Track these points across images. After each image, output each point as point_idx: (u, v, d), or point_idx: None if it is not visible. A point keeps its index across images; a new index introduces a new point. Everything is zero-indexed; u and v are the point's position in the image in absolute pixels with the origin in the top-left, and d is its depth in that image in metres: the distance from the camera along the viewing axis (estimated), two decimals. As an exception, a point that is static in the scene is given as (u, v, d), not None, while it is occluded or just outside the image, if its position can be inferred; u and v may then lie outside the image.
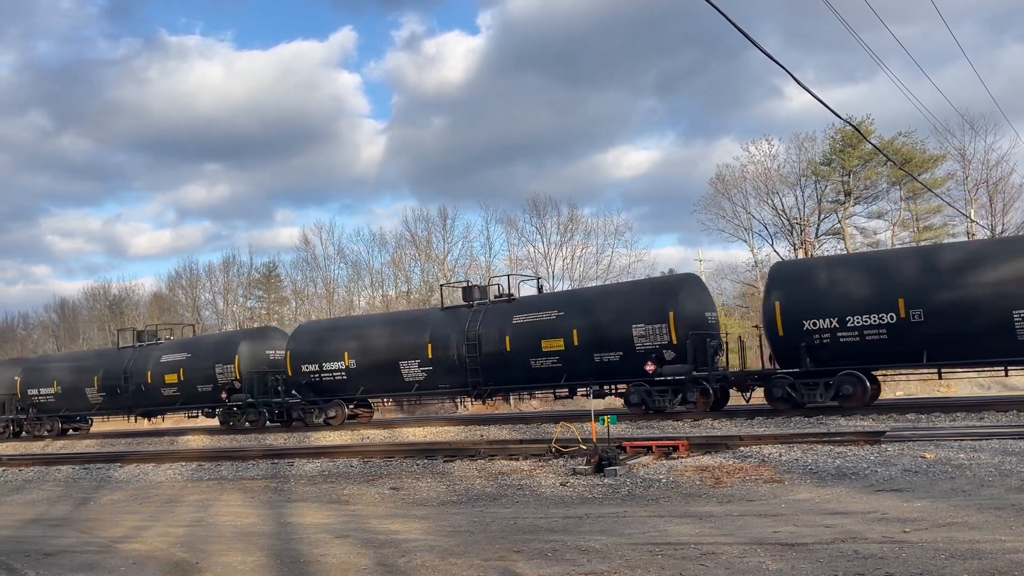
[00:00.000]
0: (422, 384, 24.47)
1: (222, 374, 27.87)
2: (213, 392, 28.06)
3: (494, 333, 23.27)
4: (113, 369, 30.91)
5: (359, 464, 15.39)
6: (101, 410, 32.33)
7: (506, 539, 8.07)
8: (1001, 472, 9.83)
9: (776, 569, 6.13)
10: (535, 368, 22.51)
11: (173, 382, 29.13)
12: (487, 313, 23.78)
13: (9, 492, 16.32)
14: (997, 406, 16.84)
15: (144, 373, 29.82)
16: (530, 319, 22.93)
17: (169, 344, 31.38)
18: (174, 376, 29.11)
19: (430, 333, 24.36)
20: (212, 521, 10.68)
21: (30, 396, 32.85)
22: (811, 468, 11.10)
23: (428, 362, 24.11)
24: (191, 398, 29.00)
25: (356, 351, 25.63)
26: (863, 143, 44.58)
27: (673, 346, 20.47)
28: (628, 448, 13.25)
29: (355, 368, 25.48)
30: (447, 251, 56.92)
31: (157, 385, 29.49)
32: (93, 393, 31.41)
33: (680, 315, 20.61)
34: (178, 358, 29.36)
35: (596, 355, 21.52)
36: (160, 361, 29.74)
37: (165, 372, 29.29)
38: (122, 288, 70.48)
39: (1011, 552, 6.12)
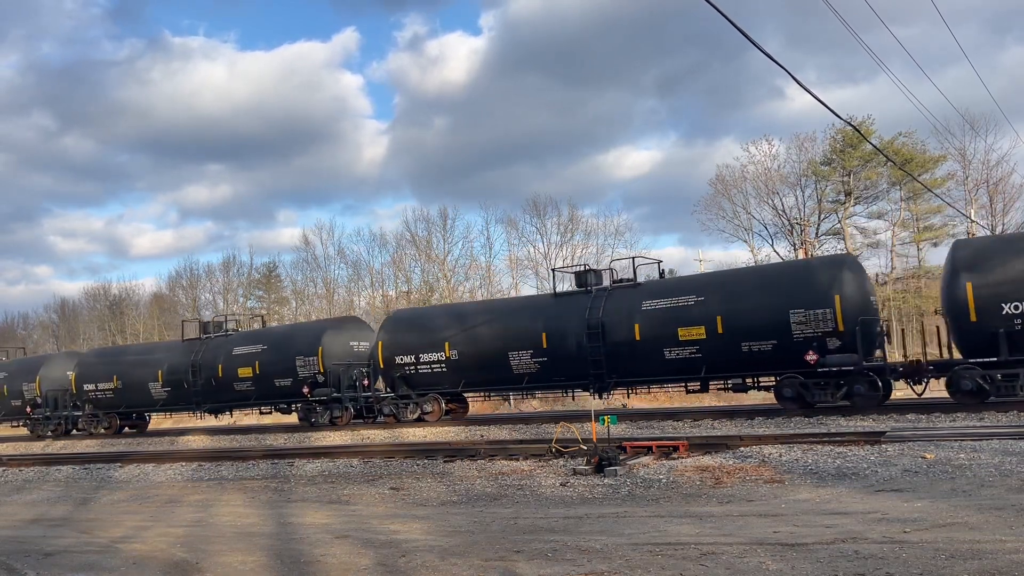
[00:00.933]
0: (534, 376, 22.67)
1: (303, 367, 26.15)
2: (293, 386, 26.40)
3: (621, 320, 21.37)
4: (180, 362, 29.39)
5: (359, 464, 15.39)
6: (165, 406, 30.90)
7: (506, 539, 8.07)
8: (1001, 472, 9.83)
9: (776, 569, 6.13)
10: (669, 359, 20.69)
11: (247, 376, 27.42)
12: (610, 299, 21.90)
13: (9, 492, 16.32)
14: (997, 406, 16.83)
15: (214, 367, 28.21)
16: (663, 305, 20.98)
17: (242, 335, 29.70)
18: (248, 370, 27.38)
19: (544, 321, 22.61)
20: (212, 521, 10.68)
21: (86, 392, 31.38)
22: (811, 468, 11.10)
23: (542, 352, 22.34)
24: (267, 393, 27.32)
25: (459, 341, 23.80)
26: (863, 143, 44.58)
27: (839, 333, 18.62)
28: (628, 448, 13.25)
29: (457, 360, 23.71)
30: (447, 251, 56.95)
31: (229, 379, 27.82)
32: (157, 388, 29.87)
33: (847, 298, 18.75)
34: (253, 350, 27.58)
35: (743, 344, 19.68)
36: (232, 354, 28.00)
37: (238, 365, 27.60)
38: (122, 288, 70.56)
39: (1011, 552, 6.12)
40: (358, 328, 28.33)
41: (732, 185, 53.10)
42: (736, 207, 52.81)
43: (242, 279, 65.51)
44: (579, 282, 23.33)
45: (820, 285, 19.26)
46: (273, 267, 66.06)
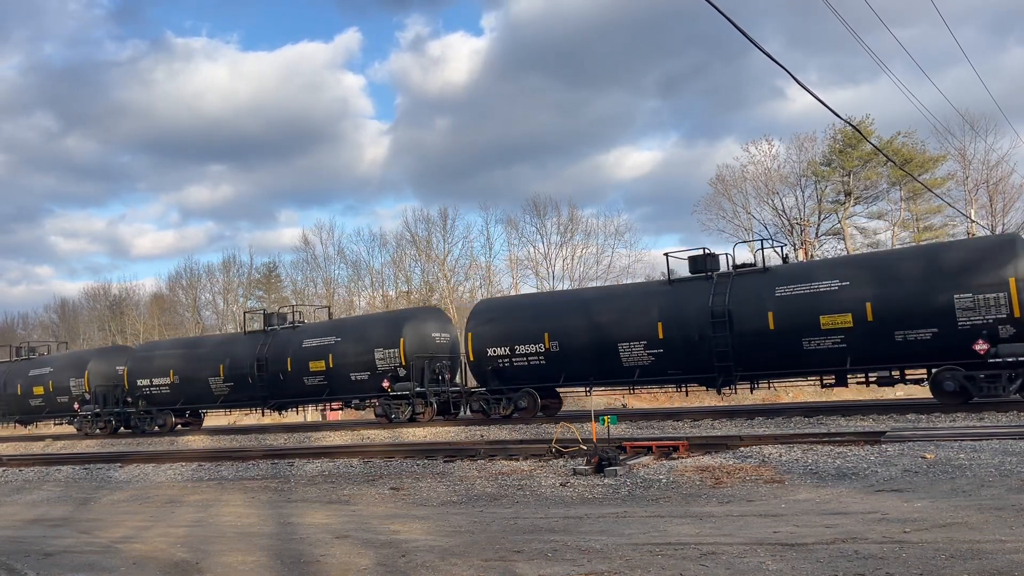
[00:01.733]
0: (647, 369, 21.12)
1: (383, 360, 24.52)
2: (371, 380, 24.74)
3: (750, 308, 19.77)
4: (243, 356, 27.70)
5: (359, 464, 15.39)
6: (227, 402, 29.28)
7: (506, 539, 8.07)
8: (1001, 472, 9.83)
9: (776, 569, 6.13)
10: (809, 350, 19.08)
11: (319, 370, 25.66)
12: (736, 285, 20.26)
13: (9, 492, 16.32)
14: (997, 406, 16.83)
15: (282, 360, 26.44)
16: (800, 291, 19.31)
17: (313, 327, 28.10)
18: (320, 363, 25.63)
19: (659, 310, 20.98)
20: (213, 521, 10.68)
21: (140, 387, 30.05)
22: (811, 468, 11.10)
23: (657, 344, 20.74)
24: (342, 387, 25.72)
25: (560, 331, 22.19)
26: (863, 143, 44.59)
27: (1014, 320, 17.09)
28: (628, 448, 13.26)
29: (557, 352, 22.10)
30: (447, 251, 56.98)
31: (299, 373, 26.04)
32: (218, 383, 28.27)
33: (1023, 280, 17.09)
34: (325, 342, 25.91)
35: (897, 333, 18.10)
36: (302, 346, 26.27)
37: (309, 359, 25.87)
38: (122, 288, 70.58)
39: (1011, 552, 6.12)
40: (438, 318, 26.99)
41: (732, 185, 53.18)
42: (736, 207, 52.88)
43: (242, 279, 65.57)
44: (695, 267, 21.46)
45: (990, 267, 17.53)
46: (273, 267, 66.17)
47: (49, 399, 32.68)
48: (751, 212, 52.88)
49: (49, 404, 32.74)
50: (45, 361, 34.69)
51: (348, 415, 29.69)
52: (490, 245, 74.82)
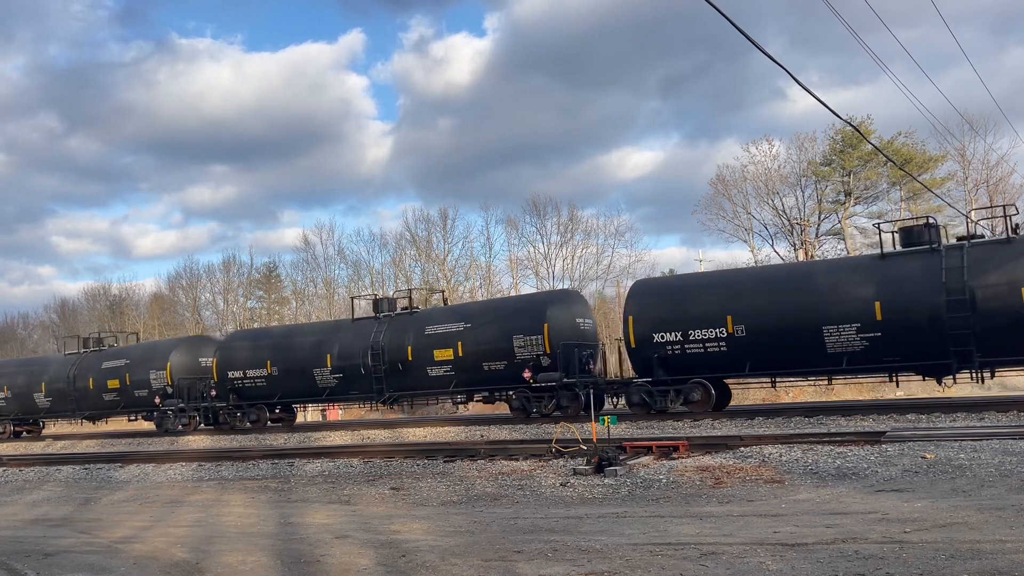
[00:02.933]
0: (857, 356, 18.41)
1: (523, 348, 22.21)
2: (508, 371, 22.44)
3: (996, 285, 17.28)
4: (354, 345, 25.36)
5: (359, 464, 15.40)
6: (333, 395, 26.75)
7: (506, 539, 8.08)
8: (1001, 472, 9.84)
9: (776, 569, 6.13)
10: None
11: (446, 359, 23.44)
12: (973, 258, 17.64)
13: (10, 492, 16.33)
14: (997, 406, 16.83)
15: (401, 349, 24.32)
16: None
17: (434, 312, 25.82)
18: (448, 352, 23.40)
19: (876, 288, 18.41)
20: (213, 522, 10.69)
21: (231, 380, 27.71)
22: (811, 468, 11.11)
23: (874, 326, 18.07)
24: (472, 379, 23.40)
25: (746, 313, 19.54)
26: (863, 143, 44.59)
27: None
28: (628, 448, 13.26)
29: (743, 336, 19.45)
30: (447, 251, 56.98)
31: (422, 364, 23.91)
32: (324, 375, 25.83)
33: None
34: (454, 329, 23.59)
35: None
36: (425, 333, 24.00)
37: (434, 347, 23.73)
38: (122, 288, 70.57)
39: (1011, 552, 6.12)
40: (581, 302, 24.81)
41: (732, 185, 53.15)
42: (736, 207, 52.86)
43: (242, 279, 65.53)
44: (909, 239, 18.96)
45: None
46: (273, 267, 66.09)
47: (125, 393, 30.35)
48: (751, 212, 52.91)
49: (125, 399, 30.46)
50: (120, 352, 32.25)
51: (479, 408, 26.57)
52: (490, 245, 74.81)
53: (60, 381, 32.44)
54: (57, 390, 32.46)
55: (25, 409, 33.70)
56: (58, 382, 32.50)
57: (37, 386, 33.07)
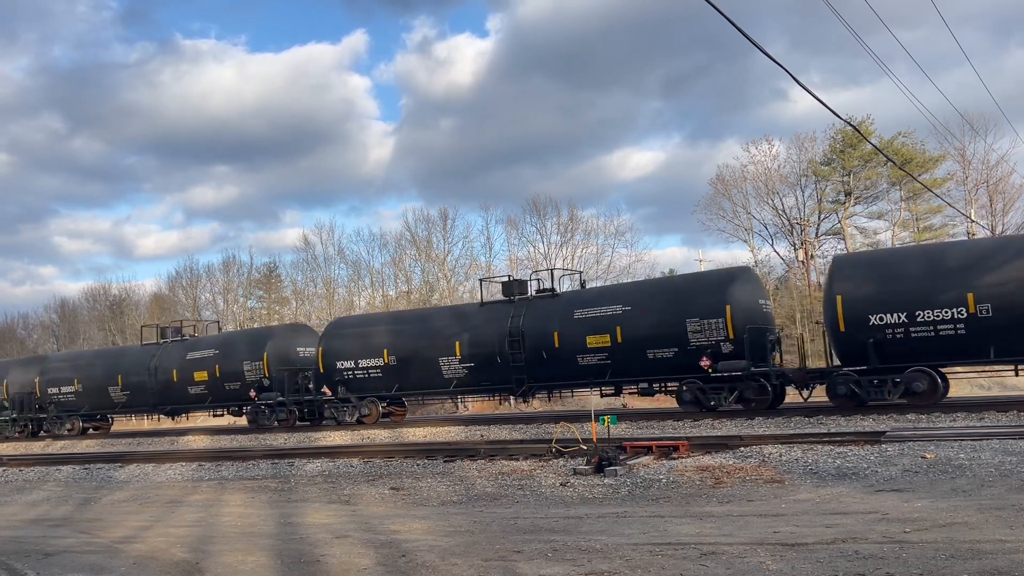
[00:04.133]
0: None
1: (699, 333, 19.71)
2: (677, 359, 20.11)
3: None
4: (487, 331, 22.97)
5: (359, 464, 15.40)
6: (462, 387, 23.90)
7: (506, 539, 8.08)
8: (1001, 472, 9.84)
9: (776, 569, 6.13)
10: None
11: (600, 346, 20.98)
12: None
13: (10, 492, 16.33)
14: (997, 406, 16.83)
15: (544, 335, 21.82)
16: None
17: (582, 294, 23.40)
18: (604, 338, 20.94)
19: None
20: (213, 521, 10.69)
21: (340, 371, 25.24)
22: (811, 468, 11.11)
23: None
24: (631, 368, 20.91)
25: (996, 291, 16.91)
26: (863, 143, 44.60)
27: None
28: (628, 448, 13.26)
29: (988, 318, 16.81)
30: (447, 251, 57.00)
31: (571, 352, 21.41)
32: (452, 365, 23.39)
33: None
34: (609, 313, 21.14)
35: None
36: (574, 318, 21.57)
37: (587, 333, 21.27)
38: (122, 288, 70.58)
39: (1011, 552, 6.12)
40: (757, 281, 22.31)
41: (732, 185, 53.16)
42: (736, 207, 52.88)
43: (242, 279, 65.55)
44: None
45: None
46: (273, 267, 66.09)
47: (214, 386, 28.00)
48: (751, 212, 52.91)
49: (214, 392, 28.07)
50: (207, 342, 29.96)
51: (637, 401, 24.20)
52: (490, 245, 74.89)
53: (139, 373, 30.09)
54: (135, 383, 30.16)
55: (98, 404, 31.66)
56: (136, 374, 30.16)
57: (112, 379, 30.72)
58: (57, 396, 32.36)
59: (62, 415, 32.37)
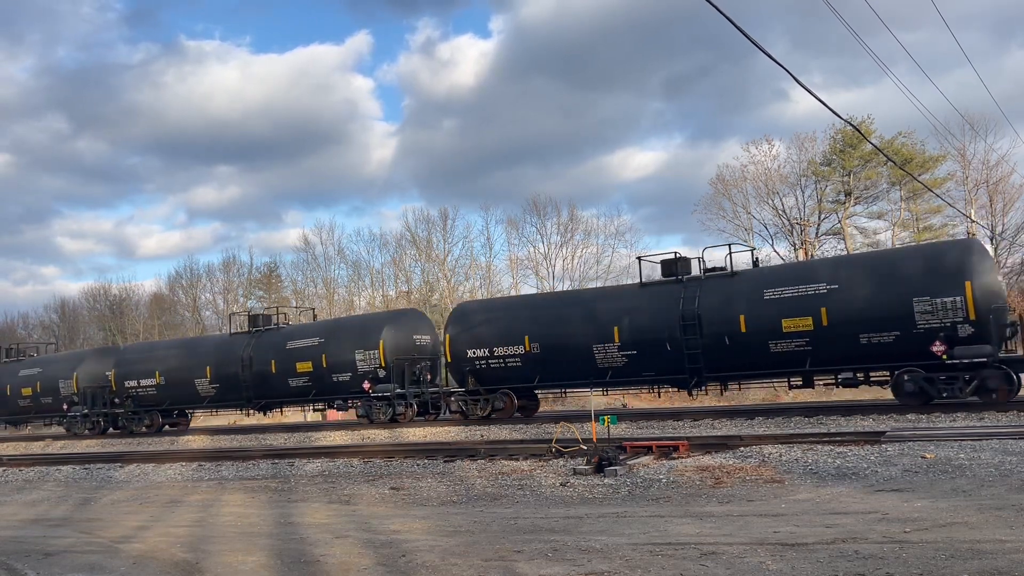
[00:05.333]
0: None
1: (928, 313, 17.42)
2: (898, 343, 17.76)
3: None
4: (651, 316, 20.70)
5: (359, 464, 15.40)
6: (621, 378, 21.49)
7: (506, 539, 8.08)
8: (1001, 472, 9.84)
9: (776, 569, 6.13)
10: None
11: (800, 330, 18.60)
12: None
13: (10, 492, 16.33)
14: (997, 407, 16.82)
15: (729, 319, 19.57)
16: None
17: (772, 272, 21.73)
18: (803, 321, 18.55)
19: None
20: (213, 521, 10.68)
21: (472, 360, 22.88)
22: (811, 468, 11.11)
23: None
24: (838, 355, 18.59)
25: None
26: (863, 143, 44.60)
27: None
28: (628, 448, 13.26)
29: None
30: (447, 251, 56.99)
31: (762, 337, 19.04)
32: (609, 352, 20.90)
33: None
34: (808, 292, 18.80)
35: None
36: (764, 299, 19.27)
37: (780, 316, 18.95)
38: (122, 288, 70.56)
39: (1011, 552, 6.12)
40: (989, 254, 19.90)
41: (732, 185, 53.15)
42: (736, 207, 52.87)
43: (242, 279, 65.55)
44: None
45: None
46: (274, 267, 66.08)
47: (320, 378, 25.70)
48: (751, 212, 52.91)
49: (319, 384, 25.93)
50: (311, 329, 27.63)
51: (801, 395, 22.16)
52: (490, 245, 74.87)
53: (231, 364, 27.82)
54: (226, 375, 27.83)
55: (182, 397, 29.53)
56: (228, 365, 27.87)
57: (200, 370, 28.44)
58: (135, 390, 30.17)
59: (139, 410, 30.28)
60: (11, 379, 34.45)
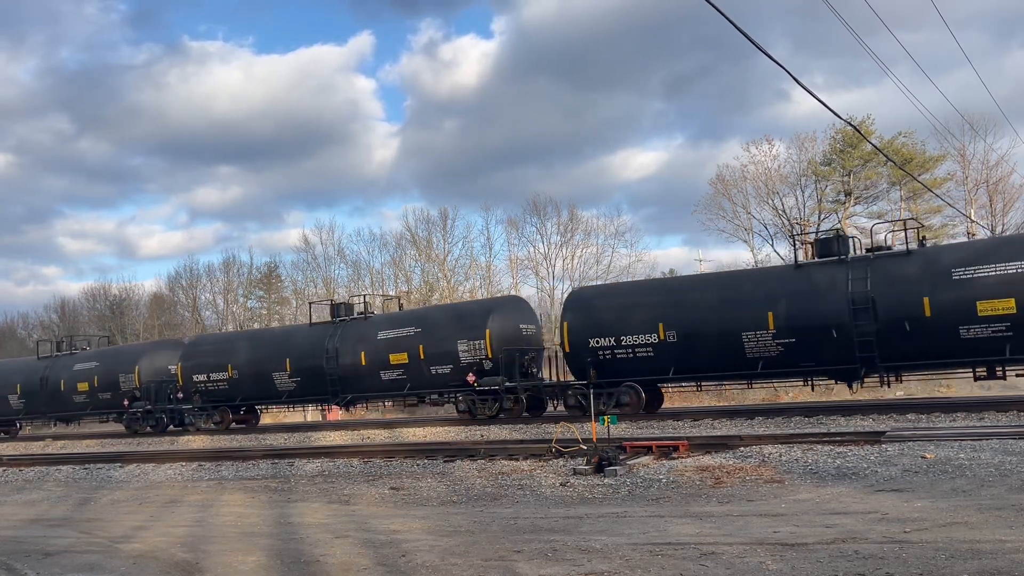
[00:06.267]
0: None
1: None
2: None
3: None
4: (809, 299, 19.17)
5: (359, 464, 15.39)
6: (775, 368, 19.72)
7: (506, 539, 8.07)
8: (1001, 472, 9.84)
9: (776, 569, 6.13)
10: None
11: (1001, 312, 17.05)
12: None
13: (10, 492, 16.32)
14: (997, 406, 16.84)
15: (909, 303, 17.98)
16: None
17: (959, 249, 20.19)
18: (1004, 304, 17.04)
19: None
20: (213, 521, 10.68)
21: (595, 350, 21.08)
22: (811, 468, 11.11)
23: None
24: None
25: None
26: (863, 143, 44.60)
27: None
28: (628, 448, 13.25)
29: None
30: (447, 251, 57.00)
31: (951, 321, 17.50)
32: (762, 340, 19.40)
33: None
34: (1012, 270, 17.16)
35: None
36: (952, 279, 17.65)
37: (975, 299, 17.31)
38: (122, 288, 70.55)
39: (1011, 552, 6.12)
40: None
41: (732, 185, 53.16)
42: (736, 207, 52.88)
43: (242, 279, 65.53)
44: None
45: None
46: (274, 267, 66.04)
47: (416, 371, 24.02)
48: (751, 212, 52.92)
49: (415, 378, 24.27)
50: (403, 318, 25.90)
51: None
52: (490, 245, 74.89)
53: (313, 357, 26.04)
54: (308, 368, 26.21)
55: (257, 392, 27.62)
56: (310, 358, 26.09)
57: (279, 364, 26.61)
58: (204, 384, 28.64)
59: (207, 406, 28.72)
60: (65, 373, 32.38)
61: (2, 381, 34.83)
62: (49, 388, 32.80)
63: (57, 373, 32.84)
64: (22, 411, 34.36)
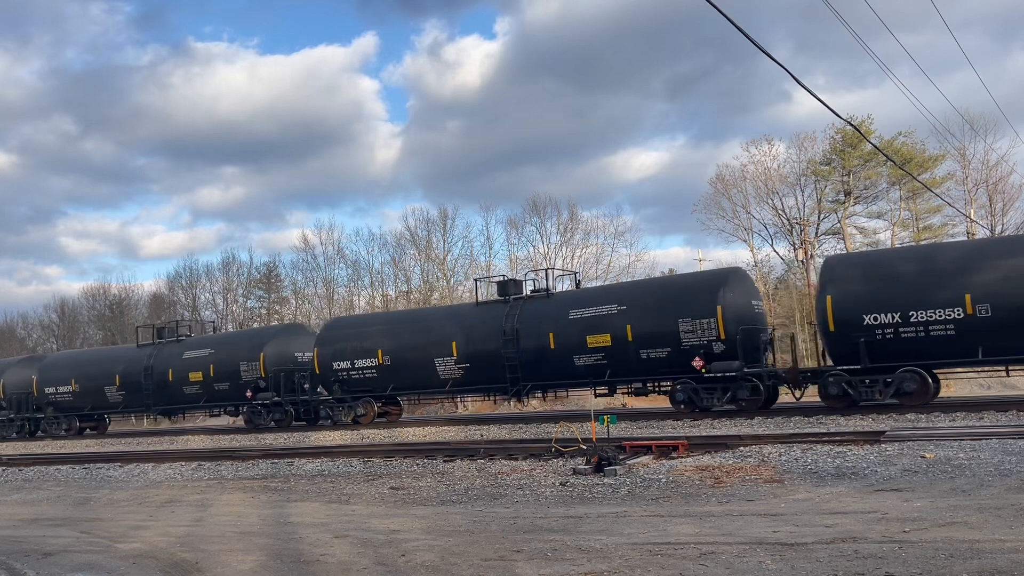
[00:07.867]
0: None
1: None
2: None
3: None
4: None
5: (359, 464, 15.39)
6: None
7: (506, 539, 8.07)
8: (1001, 472, 9.83)
9: (776, 569, 6.12)
10: None
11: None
12: None
13: (9, 492, 16.32)
14: (997, 406, 16.83)
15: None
16: None
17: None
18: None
19: None
20: (212, 521, 10.67)
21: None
22: (811, 468, 11.10)
23: None
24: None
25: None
26: (863, 143, 44.61)
27: None
28: (628, 448, 13.26)
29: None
30: (447, 251, 57.00)
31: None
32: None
33: None
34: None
35: None
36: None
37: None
38: (122, 288, 70.57)
39: (1011, 552, 6.11)
40: None
41: (732, 185, 53.20)
42: (736, 207, 52.91)
43: (242, 279, 65.56)
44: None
45: None
46: (273, 267, 66.06)
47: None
48: (751, 212, 52.94)
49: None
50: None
51: None
52: (490, 245, 74.95)
53: (487, 340, 23.39)
54: (480, 353, 23.56)
55: (411, 382, 24.93)
56: (483, 341, 23.46)
57: (444, 348, 24.00)
58: (348, 372, 25.74)
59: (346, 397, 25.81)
60: (174, 362, 29.57)
61: (98, 372, 31.80)
62: (155, 379, 29.93)
63: (164, 362, 29.90)
64: (121, 404, 31.54)
